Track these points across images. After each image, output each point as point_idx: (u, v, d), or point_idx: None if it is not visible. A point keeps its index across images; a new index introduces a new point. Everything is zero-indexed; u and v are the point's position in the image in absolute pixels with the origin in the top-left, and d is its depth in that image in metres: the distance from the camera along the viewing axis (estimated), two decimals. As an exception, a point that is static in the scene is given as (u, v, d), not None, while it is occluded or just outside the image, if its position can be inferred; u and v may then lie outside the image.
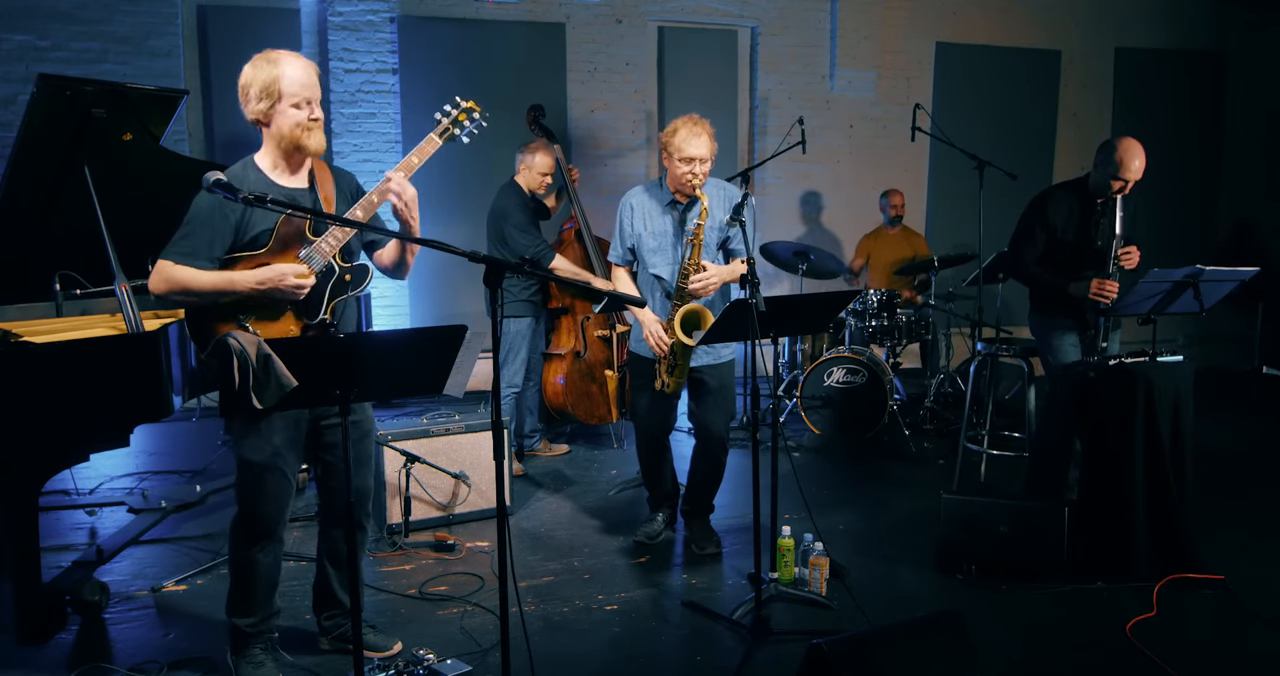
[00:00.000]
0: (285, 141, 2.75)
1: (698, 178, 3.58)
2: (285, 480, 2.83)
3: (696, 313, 3.58)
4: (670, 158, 3.62)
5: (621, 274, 3.91)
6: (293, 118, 2.71)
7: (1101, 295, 3.95)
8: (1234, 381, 7.69)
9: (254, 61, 2.73)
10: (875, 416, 5.54)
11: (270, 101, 2.69)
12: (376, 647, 3.09)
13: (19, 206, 3.58)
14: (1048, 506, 3.66)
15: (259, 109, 2.71)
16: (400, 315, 6.98)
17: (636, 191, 3.86)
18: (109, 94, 3.60)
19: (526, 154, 5.07)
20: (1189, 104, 8.79)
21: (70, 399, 3.10)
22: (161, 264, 2.70)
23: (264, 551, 2.88)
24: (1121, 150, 3.91)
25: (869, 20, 7.85)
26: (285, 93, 2.69)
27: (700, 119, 3.62)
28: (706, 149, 3.57)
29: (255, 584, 2.90)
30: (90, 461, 3.28)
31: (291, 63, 2.71)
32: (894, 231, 6.97)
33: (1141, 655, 3.10)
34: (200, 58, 6.41)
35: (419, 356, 2.50)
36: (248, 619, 2.92)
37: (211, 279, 2.67)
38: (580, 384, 5.45)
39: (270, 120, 2.73)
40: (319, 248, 2.76)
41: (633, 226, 3.81)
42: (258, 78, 2.69)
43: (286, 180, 2.82)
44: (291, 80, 2.69)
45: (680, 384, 3.77)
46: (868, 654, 2.51)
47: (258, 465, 2.77)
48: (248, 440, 2.76)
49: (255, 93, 2.69)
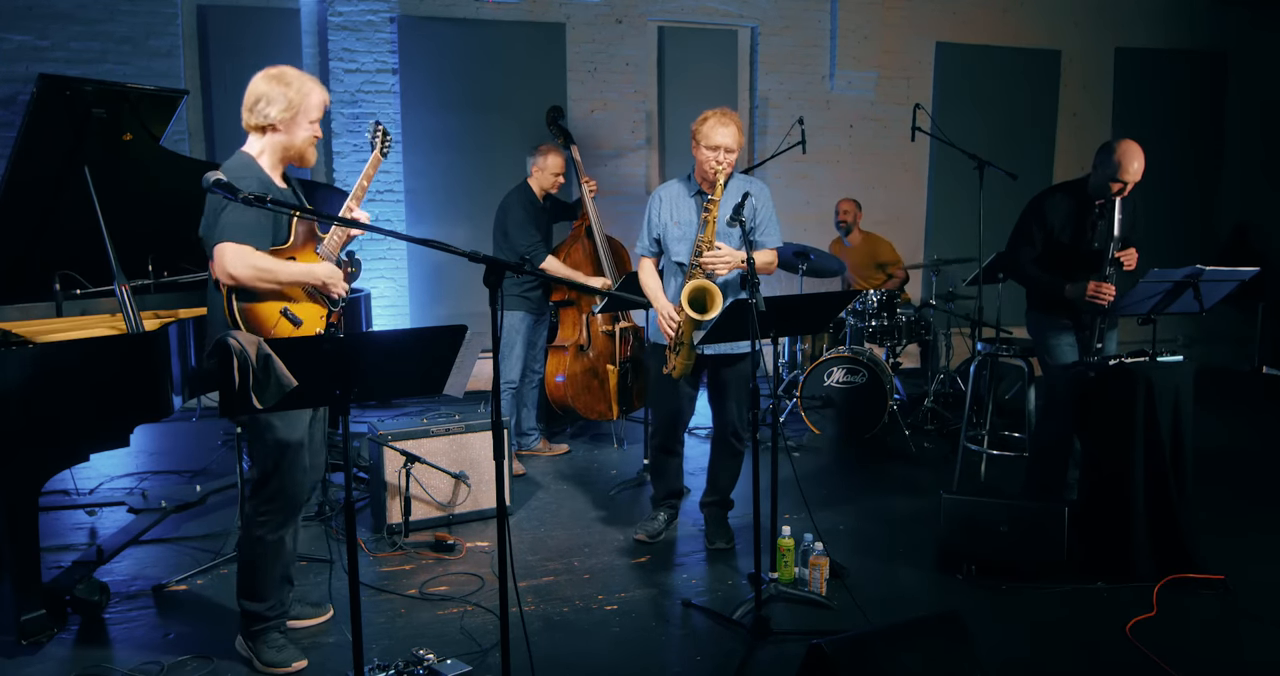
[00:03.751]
0: (294, 151, 2.94)
1: (722, 165, 3.66)
2: (311, 451, 3.04)
3: (704, 289, 3.61)
4: (698, 145, 3.73)
5: (648, 265, 3.98)
6: (308, 132, 2.92)
7: (1098, 298, 3.94)
8: (1234, 381, 7.69)
9: (275, 76, 2.86)
10: (875, 416, 5.54)
11: (292, 113, 2.86)
12: (306, 615, 3.30)
13: (19, 206, 3.58)
14: (1048, 506, 3.66)
15: (278, 117, 2.85)
16: (400, 315, 6.98)
17: (667, 184, 3.97)
18: (109, 94, 3.60)
19: (538, 156, 5.11)
20: (1189, 104, 8.79)
21: (70, 399, 3.10)
22: (237, 249, 2.71)
23: (290, 530, 3.03)
24: (1120, 152, 3.91)
25: (869, 20, 7.85)
26: (308, 112, 2.88)
27: (731, 111, 3.75)
28: (733, 139, 3.67)
29: (278, 565, 3.01)
30: (90, 461, 3.29)
31: (316, 86, 2.92)
32: (854, 244, 6.77)
33: (1141, 655, 3.10)
34: (200, 58, 6.41)
35: (419, 356, 2.51)
36: (265, 602, 3.00)
37: (296, 267, 2.84)
38: (583, 378, 5.46)
39: (286, 130, 2.88)
40: (329, 244, 2.97)
41: (659, 216, 3.91)
42: (283, 93, 2.84)
43: (278, 182, 2.96)
44: (318, 100, 2.91)
45: (688, 365, 3.78)
46: (868, 654, 2.51)
47: (295, 444, 2.92)
48: (284, 421, 2.88)
49: (284, 103, 2.84)
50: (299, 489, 2.99)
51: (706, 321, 3.55)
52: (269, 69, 2.89)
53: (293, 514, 3.01)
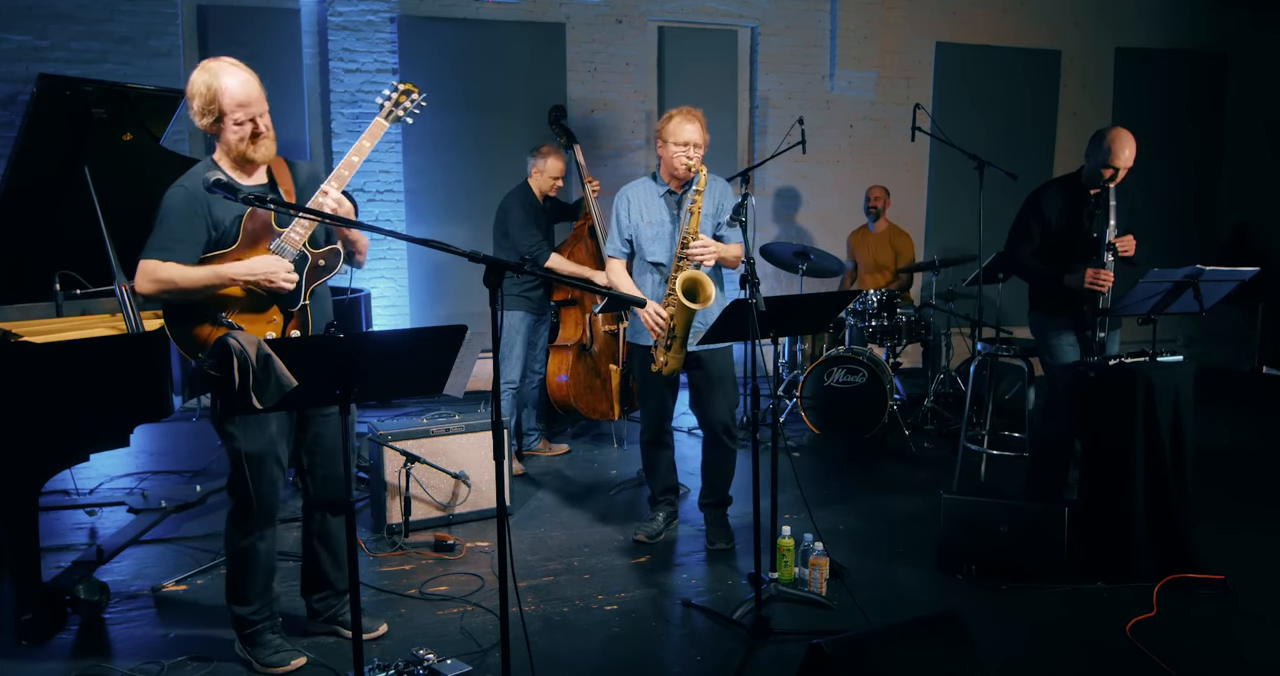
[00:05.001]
0: (233, 153, 2.82)
1: (692, 160, 3.69)
2: (280, 467, 2.94)
3: (696, 279, 3.63)
4: (665, 144, 3.76)
5: (618, 266, 3.98)
6: (236, 133, 2.76)
7: (1096, 285, 3.94)
8: (1234, 381, 7.69)
9: (197, 70, 2.74)
10: (875, 416, 5.54)
11: (212, 117, 2.74)
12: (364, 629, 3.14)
13: (19, 206, 3.58)
14: (1048, 506, 3.66)
15: (204, 123, 2.76)
16: (400, 315, 6.98)
17: (632, 185, 3.95)
18: (109, 94, 3.60)
19: (538, 158, 5.11)
20: (1189, 104, 8.78)
21: (70, 399, 3.10)
22: (145, 264, 2.73)
23: (263, 539, 2.98)
24: (1111, 138, 3.93)
25: (869, 20, 7.85)
26: (226, 111, 2.72)
27: (695, 109, 3.79)
28: (698, 135, 3.72)
29: (256, 571, 2.98)
30: (90, 461, 3.29)
31: (230, 77, 2.71)
32: (878, 231, 6.88)
33: (1141, 655, 3.10)
34: (200, 58, 6.36)
35: (419, 356, 2.50)
36: (249, 607, 3.00)
37: (200, 272, 2.71)
38: (585, 377, 5.47)
39: (217, 133, 2.79)
40: (288, 238, 2.82)
41: (629, 218, 3.89)
42: (198, 92, 2.71)
43: (246, 181, 2.86)
44: (230, 98, 2.70)
45: (679, 360, 3.78)
46: (868, 654, 2.51)
47: (256, 455, 2.86)
48: (247, 432, 2.83)
49: (198, 107, 2.73)
50: (261, 500, 2.90)
51: (701, 311, 3.59)
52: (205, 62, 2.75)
53: (258, 524, 2.94)
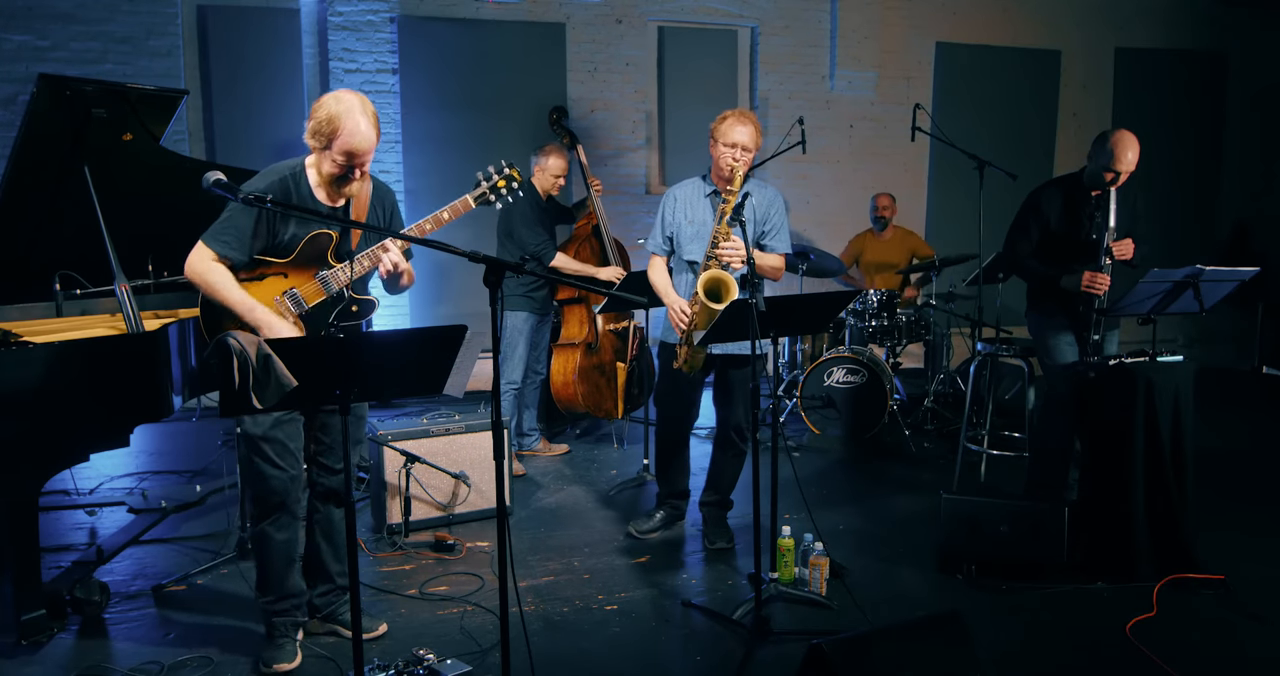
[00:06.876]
0: (324, 177, 2.89)
1: (739, 162, 3.70)
2: (287, 451, 2.93)
3: (719, 279, 3.63)
4: (715, 143, 3.79)
5: (658, 262, 4.01)
6: (332, 168, 2.83)
7: (1093, 288, 3.94)
8: (1234, 381, 7.69)
9: (332, 97, 2.79)
10: (875, 416, 5.54)
11: (320, 143, 2.79)
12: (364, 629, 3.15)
13: (19, 206, 3.58)
14: (1048, 506, 3.66)
15: (313, 142, 2.81)
16: (400, 315, 6.97)
17: (682, 184, 4.00)
18: (109, 94, 3.60)
19: (541, 157, 5.10)
20: (1189, 104, 8.78)
21: (70, 399, 3.10)
22: (202, 250, 2.79)
23: (276, 525, 2.97)
24: (1114, 141, 3.92)
25: (869, 20, 7.85)
26: (334, 149, 2.77)
27: (750, 112, 3.83)
28: (749, 138, 3.73)
29: (270, 559, 3.00)
30: (90, 461, 3.29)
31: (354, 122, 2.75)
32: (886, 236, 6.83)
33: (1141, 655, 3.10)
34: (200, 58, 6.40)
35: (419, 356, 2.51)
36: (265, 597, 3.04)
37: (237, 297, 2.78)
38: (590, 376, 5.47)
39: (316, 153, 2.84)
40: (335, 275, 2.92)
41: (673, 215, 3.94)
42: (320, 117, 2.75)
43: (326, 200, 2.92)
44: (344, 144, 2.75)
45: (699, 359, 3.80)
46: (868, 654, 2.51)
47: (255, 438, 2.89)
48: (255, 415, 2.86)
49: (312, 127, 2.77)
50: (265, 485, 2.93)
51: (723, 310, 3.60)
52: (341, 92, 2.84)
53: (271, 509, 2.95)
